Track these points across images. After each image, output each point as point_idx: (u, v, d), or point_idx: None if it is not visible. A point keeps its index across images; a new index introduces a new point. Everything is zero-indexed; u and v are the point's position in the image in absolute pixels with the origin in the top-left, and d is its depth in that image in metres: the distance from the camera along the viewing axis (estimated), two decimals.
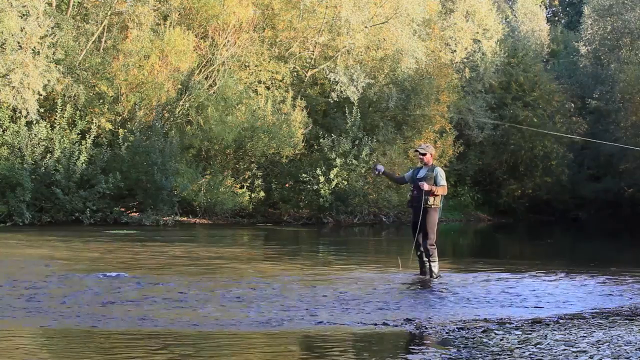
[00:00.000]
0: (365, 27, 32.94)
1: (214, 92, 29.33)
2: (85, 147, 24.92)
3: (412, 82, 34.71)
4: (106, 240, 18.83)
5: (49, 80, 24.21)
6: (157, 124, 26.92)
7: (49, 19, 24.44)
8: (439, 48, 38.56)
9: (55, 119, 25.24)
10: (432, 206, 11.81)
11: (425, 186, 11.67)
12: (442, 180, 11.85)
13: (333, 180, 30.77)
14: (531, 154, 43.65)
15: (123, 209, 26.39)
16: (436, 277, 11.82)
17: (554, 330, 7.61)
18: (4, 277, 10.75)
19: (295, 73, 33.12)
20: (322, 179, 30.54)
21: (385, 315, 8.57)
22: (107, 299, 9.21)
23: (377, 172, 12.42)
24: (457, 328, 7.78)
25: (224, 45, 29.72)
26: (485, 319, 8.47)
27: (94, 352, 6.72)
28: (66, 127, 25.30)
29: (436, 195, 11.79)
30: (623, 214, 41.87)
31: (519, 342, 6.95)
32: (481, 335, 7.33)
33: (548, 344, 6.81)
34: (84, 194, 24.83)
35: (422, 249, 11.97)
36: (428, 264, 11.93)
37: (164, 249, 16.63)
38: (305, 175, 30.95)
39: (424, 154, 12.02)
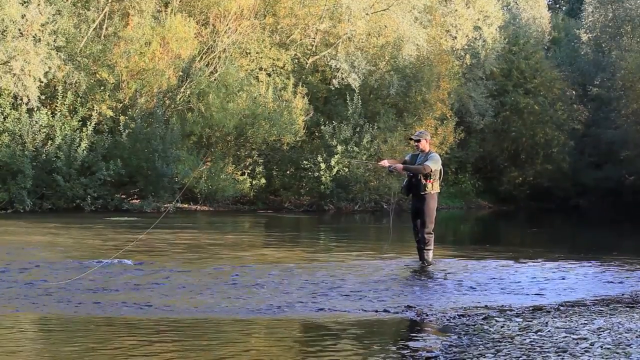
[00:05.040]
0: (367, 14, 32.85)
1: (215, 79, 29.30)
2: (86, 134, 24.93)
3: (412, 69, 34.64)
4: (107, 227, 18.85)
5: (49, 68, 24.20)
6: (158, 111, 26.91)
7: (50, 6, 24.40)
8: (439, 35, 38.43)
9: (56, 106, 25.25)
10: (426, 193, 11.62)
11: (427, 168, 11.54)
12: (429, 162, 11.55)
13: (334, 168, 30.77)
14: (532, 141, 43.57)
15: (124, 196, 26.44)
16: (428, 265, 11.76)
17: (555, 317, 7.63)
18: (4, 264, 10.76)
19: (297, 60, 33.05)
20: (323, 166, 30.54)
21: (386, 302, 8.58)
22: (108, 285, 9.23)
23: (392, 170, 12.09)
24: (457, 315, 7.80)
25: (225, 32, 29.67)
26: (486, 306, 8.48)
27: (94, 338, 6.74)
28: (67, 114, 25.31)
29: (427, 182, 11.60)
30: (624, 202, 41.77)
31: (519, 329, 6.96)
32: (482, 322, 7.34)
33: (549, 331, 6.83)
34: (85, 181, 24.86)
35: (419, 236, 11.88)
36: (423, 251, 11.86)
37: (164, 236, 16.63)
38: (306, 162, 30.95)
39: (419, 140, 11.90)
